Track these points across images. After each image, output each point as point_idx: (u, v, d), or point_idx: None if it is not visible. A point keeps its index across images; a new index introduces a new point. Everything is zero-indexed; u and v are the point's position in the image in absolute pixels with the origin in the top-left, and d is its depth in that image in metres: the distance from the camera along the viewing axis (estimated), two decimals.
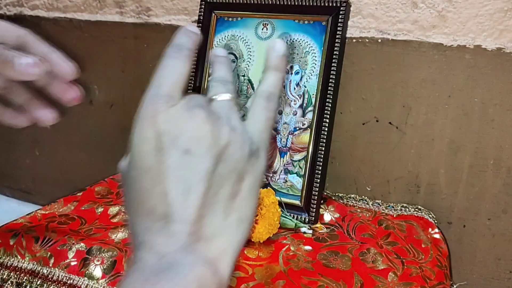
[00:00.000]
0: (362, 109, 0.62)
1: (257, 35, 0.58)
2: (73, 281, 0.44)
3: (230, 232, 0.28)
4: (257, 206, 0.38)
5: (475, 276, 0.62)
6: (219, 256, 0.27)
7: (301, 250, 0.48)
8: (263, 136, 0.31)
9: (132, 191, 0.28)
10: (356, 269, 0.45)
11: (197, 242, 0.27)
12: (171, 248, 0.26)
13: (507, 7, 0.53)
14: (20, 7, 0.83)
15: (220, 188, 0.28)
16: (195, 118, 0.28)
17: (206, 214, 0.27)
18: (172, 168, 0.27)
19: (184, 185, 0.27)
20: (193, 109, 0.28)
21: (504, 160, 0.57)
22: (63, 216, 0.54)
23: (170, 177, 0.27)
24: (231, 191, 0.28)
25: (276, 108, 0.33)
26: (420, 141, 0.60)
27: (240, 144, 0.28)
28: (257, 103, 0.32)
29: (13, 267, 0.46)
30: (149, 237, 0.27)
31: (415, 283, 0.44)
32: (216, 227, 0.27)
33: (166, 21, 0.71)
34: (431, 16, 0.56)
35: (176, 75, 0.30)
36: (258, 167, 0.30)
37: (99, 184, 0.63)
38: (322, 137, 0.53)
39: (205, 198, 0.27)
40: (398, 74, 0.59)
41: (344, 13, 0.53)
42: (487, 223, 0.59)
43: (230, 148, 0.28)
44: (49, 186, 0.91)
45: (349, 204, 0.61)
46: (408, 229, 0.54)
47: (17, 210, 0.92)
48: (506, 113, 0.56)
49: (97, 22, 0.77)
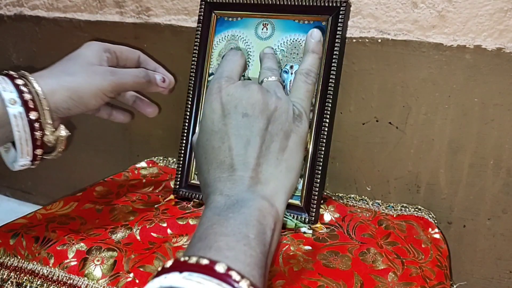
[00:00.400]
0: (362, 109, 0.62)
1: (257, 35, 0.58)
2: (73, 281, 0.44)
3: (281, 178, 0.35)
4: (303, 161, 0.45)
5: (475, 276, 0.62)
6: (273, 195, 0.34)
7: (301, 250, 0.48)
8: (304, 103, 0.39)
9: (205, 151, 0.36)
10: (356, 269, 0.45)
11: (256, 185, 0.33)
12: (237, 190, 0.33)
13: (507, 7, 0.53)
14: (20, 7, 0.83)
15: (271, 143, 0.35)
16: (250, 90, 0.37)
17: (262, 163, 0.35)
18: (235, 128, 0.35)
19: (244, 141, 0.35)
20: (248, 84, 0.37)
21: (504, 160, 0.57)
22: (63, 216, 0.54)
23: (233, 135, 0.35)
24: (280, 145, 0.36)
25: (314, 82, 0.42)
26: (420, 141, 0.60)
27: (285, 109, 0.37)
28: (298, 79, 0.41)
29: (13, 267, 0.46)
30: (219, 185, 0.34)
31: (415, 283, 0.44)
32: (270, 174, 0.34)
33: (166, 21, 0.71)
34: (431, 16, 0.56)
35: (235, 64, 0.41)
36: (301, 128, 0.38)
37: (99, 184, 0.63)
38: (322, 137, 0.53)
39: (260, 150, 0.35)
40: (398, 74, 0.59)
41: (344, 13, 0.53)
42: (487, 223, 0.60)
43: (278, 111, 0.36)
44: (49, 186, 0.91)
45: (349, 204, 0.62)
46: (408, 229, 0.54)
47: (17, 210, 0.92)
48: (506, 113, 0.56)
49: (97, 22, 0.77)
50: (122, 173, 0.67)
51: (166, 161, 0.74)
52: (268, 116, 0.36)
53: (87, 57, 0.47)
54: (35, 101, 0.41)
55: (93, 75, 0.45)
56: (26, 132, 0.41)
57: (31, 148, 0.42)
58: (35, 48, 0.84)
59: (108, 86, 0.46)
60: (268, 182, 0.34)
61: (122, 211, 0.56)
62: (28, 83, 0.42)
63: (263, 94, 0.36)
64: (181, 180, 0.60)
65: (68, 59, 0.47)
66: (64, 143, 0.46)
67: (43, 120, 0.42)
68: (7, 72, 0.43)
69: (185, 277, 0.24)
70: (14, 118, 0.40)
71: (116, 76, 0.47)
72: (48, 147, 0.44)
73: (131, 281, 0.43)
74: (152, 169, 0.70)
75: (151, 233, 0.51)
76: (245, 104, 0.36)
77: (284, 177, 0.35)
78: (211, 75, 0.60)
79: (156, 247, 0.48)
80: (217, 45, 0.60)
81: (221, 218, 0.30)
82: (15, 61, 0.87)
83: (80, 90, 0.44)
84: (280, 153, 0.35)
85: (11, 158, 0.45)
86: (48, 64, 0.48)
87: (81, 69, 0.45)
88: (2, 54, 0.88)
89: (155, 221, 0.52)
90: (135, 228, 0.51)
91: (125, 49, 0.52)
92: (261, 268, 0.28)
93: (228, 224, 0.29)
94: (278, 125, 0.36)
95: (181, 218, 0.53)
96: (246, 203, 0.31)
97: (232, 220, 0.29)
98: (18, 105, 0.40)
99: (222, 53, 0.59)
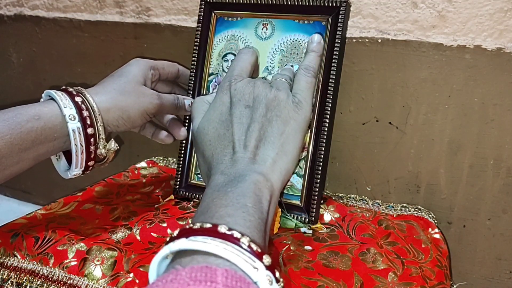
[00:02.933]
0: (362, 109, 0.62)
1: (257, 35, 0.58)
2: (73, 281, 0.44)
3: (277, 159, 0.38)
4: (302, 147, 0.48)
5: (475, 276, 0.62)
6: (269, 172, 0.37)
7: (301, 250, 0.48)
8: (304, 93, 0.43)
9: (211, 138, 0.41)
10: (356, 269, 0.45)
11: (253, 164, 0.37)
12: (235, 169, 0.37)
13: (507, 7, 0.53)
14: (20, 7, 0.83)
15: (269, 127, 0.40)
16: (254, 85, 0.42)
17: (260, 146, 0.39)
18: (238, 117, 0.40)
19: (245, 127, 0.40)
20: (254, 81, 0.43)
21: (504, 160, 0.57)
22: (63, 216, 0.54)
23: (236, 123, 0.40)
24: (278, 130, 0.40)
25: (315, 75, 0.47)
26: (420, 141, 0.60)
27: (283, 98, 0.41)
28: (299, 73, 0.46)
29: (13, 267, 0.46)
30: (221, 166, 0.38)
31: (415, 283, 0.44)
32: (266, 155, 0.38)
33: (166, 21, 0.71)
34: (431, 16, 0.56)
35: (245, 63, 0.48)
36: (301, 115, 0.42)
37: (99, 184, 0.63)
38: (322, 137, 0.53)
39: (259, 133, 0.39)
40: (398, 74, 0.59)
41: (344, 13, 0.53)
42: (487, 223, 0.60)
43: (276, 100, 0.41)
44: (49, 186, 0.91)
45: (349, 204, 0.61)
46: (408, 229, 0.54)
47: (17, 210, 0.92)
48: (506, 113, 0.56)
49: (97, 22, 0.77)
50: (122, 173, 0.67)
51: (166, 161, 0.74)
52: (267, 104, 0.41)
53: (136, 76, 0.51)
54: (91, 118, 0.45)
55: (142, 97, 0.50)
56: (83, 146, 0.45)
57: (85, 160, 0.47)
58: (35, 48, 0.84)
59: (153, 109, 0.51)
60: (265, 161, 0.38)
61: (122, 211, 0.56)
62: (85, 100, 0.45)
63: (264, 88, 0.42)
64: (181, 180, 0.60)
65: (119, 76, 0.51)
66: (114, 155, 0.50)
67: (97, 135, 0.46)
68: (66, 88, 0.47)
69: (191, 240, 0.27)
70: (73, 133, 0.44)
71: (160, 101, 0.52)
72: (99, 158, 0.49)
73: (131, 281, 0.43)
74: (152, 169, 0.70)
75: (151, 233, 0.51)
76: (247, 97, 0.41)
77: (280, 159, 0.39)
78: (211, 75, 0.60)
79: (156, 247, 0.48)
80: (217, 45, 0.60)
81: (221, 193, 0.33)
82: (15, 61, 0.87)
83: (130, 110, 0.49)
84: (278, 138, 0.39)
85: (63, 167, 0.49)
86: (48, 64, 0.48)
87: (132, 89, 0.49)
88: (2, 54, 0.88)
89: (155, 221, 0.52)
90: (135, 228, 0.51)
91: (166, 64, 0.57)
92: (260, 231, 0.31)
93: (227, 197, 0.32)
94: (277, 112, 0.40)
95: (181, 218, 0.53)
96: (243, 178, 0.35)
97: (230, 194, 0.32)
98: (77, 121, 0.44)
99: (222, 53, 0.59)
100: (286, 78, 0.45)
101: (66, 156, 0.49)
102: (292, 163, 0.40)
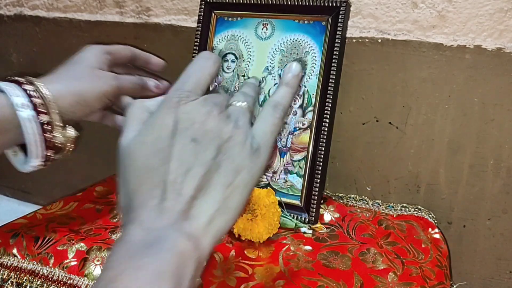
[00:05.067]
0: (362, 109, 0.62)
1: (257, 35, 0.58)
2: (73, 281, 0.44)
3: (216, 218, 0.30)
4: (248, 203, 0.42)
5: (475, 276, 0.62)
6: (202, 233, 0.30)
7: (301, 250, 0.48)
8: (266, 137, 0.34)
9: (139, 168, 0.31)
10: (356, 269, 0.45)
11: (184, 220, 0.29)
12: (160, 224, 0.28)
13: (507, 7, 0.53)
14: (20, 7, 0.83)
15: (215, 175, 0.31)
16: (208, 114, 0.32)
17: (199, 196, 0.30)
18: (179, 152, 0.31)
19: (186, 167, 0.30)
20: (208, 106, 0.32)
21: (504, 160, 0.57)
22: (63, 216, 0.54)
23: (175, 159, 0.30)
24: (225, 180, 0.31)
25: (282, 116, 0.36)
26: (420, 141, 0.60)
27: (240, 141, 0.32)
28: (265, 110, 0.36)
29: (13, 267, 0.46)
30: (142, 213, 0.29)
31: (415, 283, 0.44)
32: (204, 211, 0.30)
33: (166, 21, 0.71)
34: (431, 16, 0.56)
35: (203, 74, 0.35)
36: (257, 165, 0.33)
37: (99, 184, 0.63)
38: (322, 137, 0.53)
39: (201, 180, 0.30)
40: (398, 74, 0.59)
41: (344, 13, 0.53)
42: (487, 223, 0.60)
43: (231, 142, 0.32)
44: (49, 186, 0.91)
45: (349, 204, 0.62)
46: (408, 229, 0.54)
47: (17, 210, 0.92)
48: (506, 113, 0.56)
49: (97, 22, 0.77)
50: None
51: None
52: (219, 145, 0.31)
53: (89, 61, 0.49)
54: (45, 105, 0.43)
55: (97, 80, 0.48)
56: (38, 135, 0.43)
57: (43, 150, 0.44)
58: (35, 48, 0.84)
59: (111, 91, 0.48)
60: (199, 219, 0.30)
61: None
62: (37, 88, 0.44)
63: (220, 121, 0.32)
64: None
65: (72, 63, 0.49)
66: (73, 143, 0.48)
67: (53, 123, 0.44)
68: (14, 78, 0.45)
69: None
70: (25, 122, 0.42)
71: (117, 81, 0.49)
72: (58, 147, 0.46)
73: None
74: None
75: None
76: (197, 128, 0.31)
77: (218, 217, 0.31)
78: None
79: None
80: (217, 45, 0.60)
81: (135, 262, 0.27)
82: (15, 61, 0.87)
83: (86, 95, 0.46)
84: (223, 189, 0.31)
85: (21, 161, 0.46)
86: (48, 64, 0.48)
87: (86, 73, 0.47)
88: (2, 54, 0.88)
89: None
90: None
91: (120, 48, 0.54)
92: None
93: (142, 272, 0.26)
94: (229, 157, 0.31)
95: None
96: (166, 244, 0.27)
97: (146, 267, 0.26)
98: (29, 109, 0.42)
99: (222, 53, 0.59)
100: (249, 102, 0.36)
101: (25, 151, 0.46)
102: (232, 222, 0.32)
